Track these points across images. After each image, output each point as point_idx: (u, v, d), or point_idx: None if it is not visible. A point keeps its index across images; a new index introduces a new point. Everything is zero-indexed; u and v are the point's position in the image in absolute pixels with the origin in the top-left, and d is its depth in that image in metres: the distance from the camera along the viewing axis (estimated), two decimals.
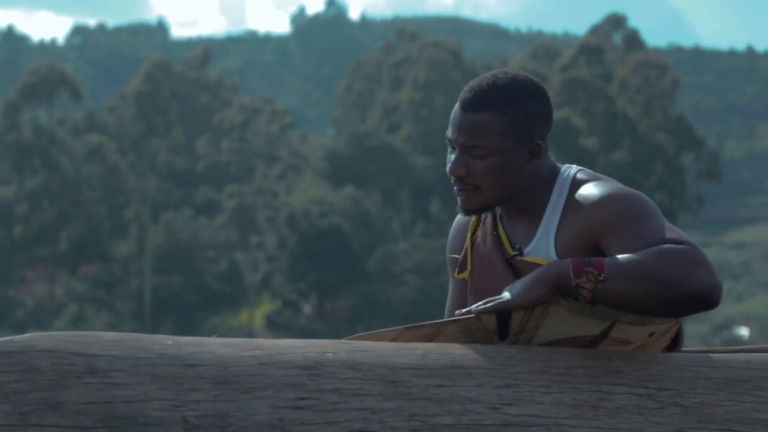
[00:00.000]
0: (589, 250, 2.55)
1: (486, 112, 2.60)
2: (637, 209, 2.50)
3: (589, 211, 2.55)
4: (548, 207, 2.63)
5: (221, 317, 51.68)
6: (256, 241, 52.61)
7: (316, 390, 2.15)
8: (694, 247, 2.41)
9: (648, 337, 2.48)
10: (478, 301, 2.61)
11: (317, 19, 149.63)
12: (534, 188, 2.64)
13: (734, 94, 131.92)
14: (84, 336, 2.09)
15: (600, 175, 2.65)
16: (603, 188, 2.57)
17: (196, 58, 68.47)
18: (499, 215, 2.72)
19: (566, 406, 2.29)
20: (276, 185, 54.83)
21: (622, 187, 2.57)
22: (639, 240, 2.44)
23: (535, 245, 2.63)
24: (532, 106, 2.62)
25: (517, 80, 2.63)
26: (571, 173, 2.66)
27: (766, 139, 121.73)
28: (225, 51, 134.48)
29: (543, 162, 2.65)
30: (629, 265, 2.38)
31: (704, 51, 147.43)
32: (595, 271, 2.38)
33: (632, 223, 2.48)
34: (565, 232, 2.59)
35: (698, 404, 2.39)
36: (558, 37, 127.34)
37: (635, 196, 2.54)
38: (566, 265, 2.40)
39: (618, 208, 2.51)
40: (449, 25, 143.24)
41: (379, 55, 70.82)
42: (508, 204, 2.67)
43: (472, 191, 2.63)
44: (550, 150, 2.69)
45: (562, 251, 2.58)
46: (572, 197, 2.60)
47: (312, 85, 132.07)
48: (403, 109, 62.44)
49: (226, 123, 56.85)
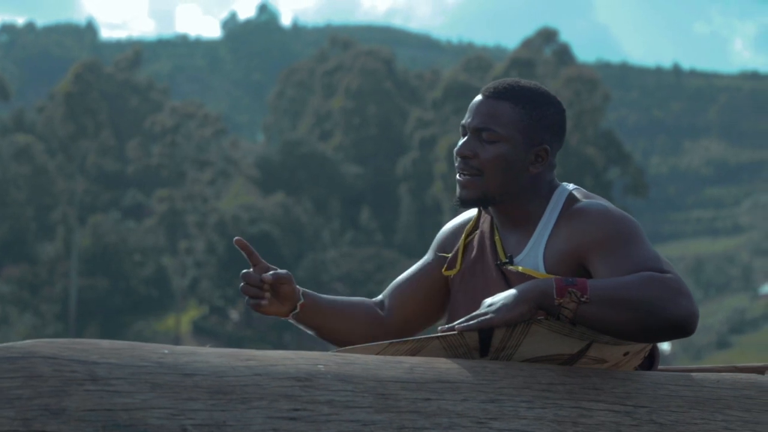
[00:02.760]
0: (575, 265, 2.60)
1: (505, 101, 2.70)
2: (625, 232, 2.56)
3: (579, 228, 2.60)
4: (542, 220, 2.68)
5: (147, 322, 51.30)
6: (185, 245, 52.29)
7: (310, 401, 2.17)
8: (675, 276, 2.46)
9: (623, 356, 2.53)
10: (465, 301, 2.68)
11: (249, 24, 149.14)
12: (532, 197, 2.70)
13: (660, 110, 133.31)
14: (82, 343, 2.09)
15: (595, 195, 2.71)
16: (595, 207, 2.62)
17: (126, 59, 67.95)
18: (496, 224, 2.77)
19: (548, 421, 2.34)
20: (206, 190, 54.56)
21: (613, 209, 2.62)
22: (624, 262, 2.50)
23: (525, 255, 2.68)
24: (549, 112, 2.71)
25: (540, 88, 2.74)
26: (567, 189, 2.72)
27: (691, 155, 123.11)
28: (155, 54, 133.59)
29: (545, 173, 2.72)
30: (612, 289, 2.43)
31: (631, 67, 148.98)
32: (578, 291, 2.41)
33: (619, 245, 2.53)
34: (555, 245, 2.64)
35: (673, 422, 2.44)
36: (489, 49, 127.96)
37: (625, 218, 2.59)
38: (550, 284, 2.43)
39: (607, 228, 2.57)
40: (381, 34, 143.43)
41: (311, 62, 70.77)
42: (504, 211, 2.73)
43: (474, 177, 2.69)
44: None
45: (549, 264, 2.63)
46: (565, 213, 2.66)
47: (242, 90, 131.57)
48: (335, 116, 62.42)
49: (158, 126, 56.48)
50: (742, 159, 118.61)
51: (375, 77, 61.15)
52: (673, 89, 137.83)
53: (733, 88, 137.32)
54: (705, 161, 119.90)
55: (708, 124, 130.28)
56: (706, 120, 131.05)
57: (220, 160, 56.69)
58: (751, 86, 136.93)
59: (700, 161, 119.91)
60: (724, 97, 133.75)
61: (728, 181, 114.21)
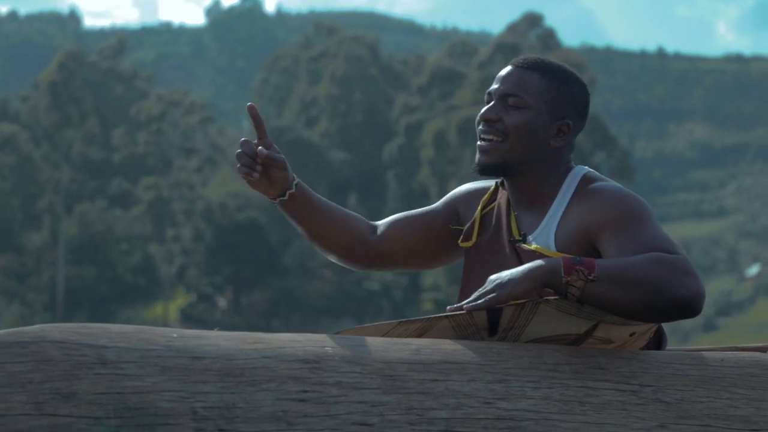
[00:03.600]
0: (586, 245, 2.64)
1: (534, 72, 2.75)
2: (636, 213, 2.60)
3: (591, 208, 2.64)
4: (556, 199, 2.72)
5: (135, 310, 51.30)
6: (172, 233, 52.25)
7: (318, 383, 2.18)
8: (683, 256, 2.49)
9: (629, 336, 2.56)
10: (477, 276, 2.69)
11: (233, 11, 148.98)
12: (548, 174, 2.75)
13: (645, 94, 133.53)
14: (91, 327, 2.12)
15: (607, 178, 2.75)
16: (608, 188, 2.67)
17: (110, 48, 67.79)
18: (511, 201, 2.80)
19: (555, 401, 2.35)
20: (193, 178, 54.52)
21: (625, 190, 2.66)
22: (633, 242, 2.54)
23: (538, 234, 2.71)
24: (575, 90, 2.78)
25: (568, 68, 2.81)
26: (582, 171, 2.76)
27: (676, 139, 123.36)
28: (139, 42, 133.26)
29: (564, 151, 2.77)
30: (620, 268, 2.45)
31: (616, 51, 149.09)
32: (586, 270, 2.43)
33: (629, 225, 2.57)
34: (567, 225, 2.67)
35: (678, 400, 2.45)
36: (473, 34, 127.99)
37: (636, 199, 2.64)
38: (557, 262, 2.45)
39: (618, 208, 2.61)
40: (365, 20, 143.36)
41: (296, 49, 70.68)
42: (520, 187, 2.76)
43: (497, 142, 2.72)
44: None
45: (560, 243, 2.67)
46: (578, 193, 2.70)
47: (227, 77, 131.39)
48: (321, 103, 62.38)
49: (143, 114, 56.39)
50: (727, 142, 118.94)
51: (360, 63, 61.12)
52: (658, 73, 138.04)
53: (717, 71, 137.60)
54: (690, 144, 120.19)
55: (693, 108, 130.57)
56: (691, 103, 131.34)
57: (207, 148, 56.65)
58: (735, 69, 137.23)
59: (685, 144, 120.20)
60: (709, 80, 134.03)
61: (713, 164, 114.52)
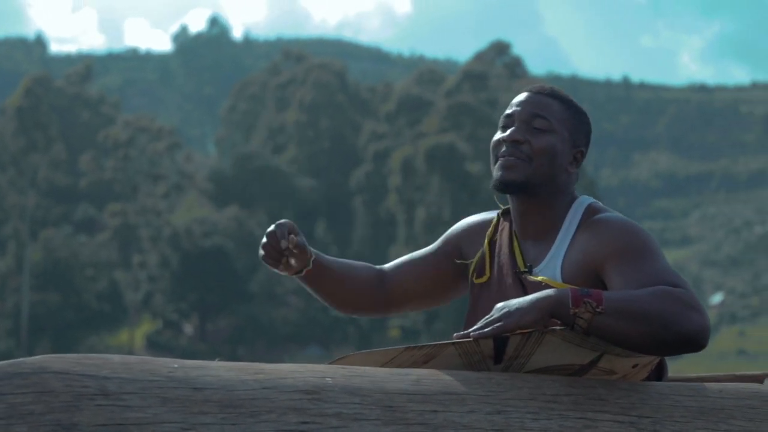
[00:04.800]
0: (592, 276, 2.64)
1: (554, 99, 2.79)
2: (642, 245, 2.61)
3: (597, 239, 2.65)
4: (561, 230, 2.73)
5: (100, 336, 51.02)
6: (138, 260, 52.02)
7: (318, 414, 2.17)
8: (688, 290, 2.50)
9: (632, 368, 2.56)
10: (483, 308, 2.68)
11: (200, 38, 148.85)
12: (558, 202, 2.76)
13: (610, 123, 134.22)
14: (93, 358, 2.10)
15: (611, 209, 2.76)
16: (613, 220, 2.68)
17: (77, 74, 67.63)
18: (515, 231, 2.80)
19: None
20: (160, 204, 54.34)
21: (631, 222, 2.67)
22: (639, 274, 2.55)
23: (545, 266, 2.72)
24: (585, 121, 2.83)
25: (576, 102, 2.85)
26: (586, 201, 2.78)
27: (640, 168, 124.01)
28: (105, 68, 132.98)
29: (574, 179, 2.80)
30: (627, 301, 2.45)
31: (581, 80, 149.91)
32: (594, 302, 2.43)
33: (635, 257, 2.58)
34: (573, 256, 2.68)
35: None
36: (440, 62, 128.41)
37: (641, 232, 2.65)
38: (565, 294, 2.45)
39: (624, 240, 2.62)
40: (332, 47, 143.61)
41: (264, 75, 70.69)
42: (529, 214, 2.77)
43: (523, 161, 2.73)
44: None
45: (566, 274, 2.67)
46: (584, 224, 2.71)
47: (194, 104, 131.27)
48: (289, 130, 62.36)
49: (110, 140, 56.20)
50: (691, 171, 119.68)
51: (328, 90, 61.17)
52: (623, 102, 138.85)
53: (681, 100, 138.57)
54: (654, 173, 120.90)
55: (657, 137, 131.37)
56: (655, 132, 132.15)
57: (174, 174, 56.48)
58: (699, 99, 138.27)
59: (649, 173, 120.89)
60: (673, 109, 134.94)
61: (677, 193, 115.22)
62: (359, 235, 57.99)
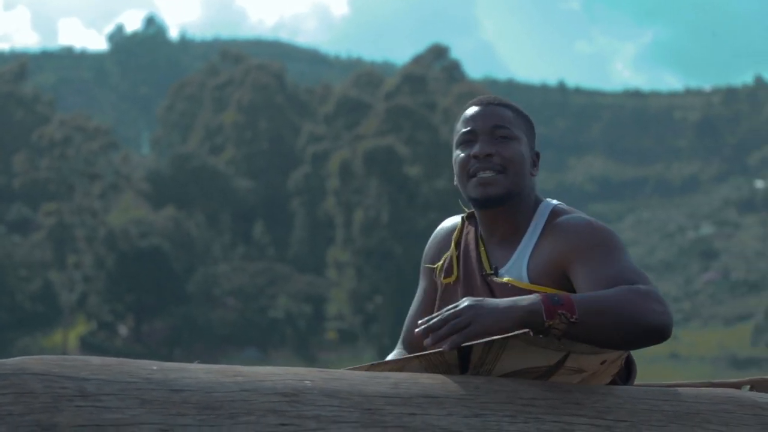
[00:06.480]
0: (558, 275, 2.69)
1: (507, 109, 2.87)
2: (607, 243, 2.67)
3: (563, 238, 2.71)
4: (527, 232, 2.79)
5: (34, 338, 50.55)
6: (73, 260, 51.60)
7: (297, 416, 2.18)
8: (652, 287, 2.58)
9: (600, 365, 2.58)
10: None
11: (135, 37, 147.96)
12: (524, 206, 2.82)
13: (546, 127, 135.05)
14: (73, 360, 2.12)
15: (576, 210, 2.81)
16: (578, 220, 2.74)
17: (10, 72, 67.03)
18: (480, 234, 2.84)
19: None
20: (95, 204, 53.93)
21: (594, 221, 2.74)
22: (604, 272, 2.61)
23: (510, 267, 2.77)
24: (533, 126, 2.92)
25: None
26: (551, 204, 2.84)
27: (575, 172, 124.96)
28: (39, 67, 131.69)
29: (535, 183, 2.86)
30: (597, 303, 2.51)
31: (518, 84, 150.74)
32: (567, 313, 2.47)
33: (600, 255, 2.64)
34: (539, 257, 2.73)
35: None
36: (377, 65, 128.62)
37: (606, 230, 2.71)
38: (537, 304, 2.47)
39: (589, 238, 2.68)
40: (269, 48, 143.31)
41: (202, 76, 70.46)
42: (496, 220, 2.81)
43: (498, 173, 2.78)
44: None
45: (533, 275, 2.72)
46: (549, 225, 2.77)
47: (129, 103, 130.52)
48: (227, 131, 62.22)
49: (45, 140, 55.70)
50: (625, 176, 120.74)
51: (266, 92, 61.09)
52: (559, 107, 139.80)
53: (616, 105, 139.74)
54: (589, 177, 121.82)
55: (592, 141, 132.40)
56: (590, 137, 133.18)
57: (110, 174, 56.10)
58: (634, 104, 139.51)
59: (584, 177, 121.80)
60: (608, 114, 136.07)
61: (612, 197, 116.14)
62: (297, 236, 57.94)
